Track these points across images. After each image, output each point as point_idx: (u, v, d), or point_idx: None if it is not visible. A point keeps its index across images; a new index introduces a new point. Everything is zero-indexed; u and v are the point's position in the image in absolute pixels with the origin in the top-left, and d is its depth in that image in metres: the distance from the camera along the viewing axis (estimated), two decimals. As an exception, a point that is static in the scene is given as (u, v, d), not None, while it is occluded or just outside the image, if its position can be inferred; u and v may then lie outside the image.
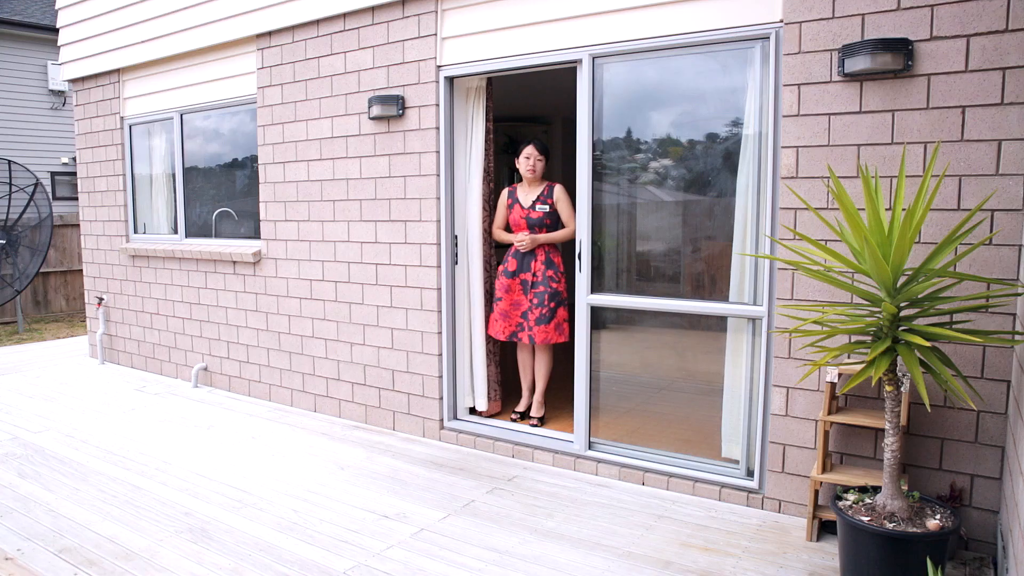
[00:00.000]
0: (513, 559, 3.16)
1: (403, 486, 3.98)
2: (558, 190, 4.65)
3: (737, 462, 3.80)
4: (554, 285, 4.60)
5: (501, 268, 4.70)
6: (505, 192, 4.79)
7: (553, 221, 4.63)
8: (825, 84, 3.31)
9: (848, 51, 3.20)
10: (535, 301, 4.59)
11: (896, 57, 3.09)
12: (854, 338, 3.21)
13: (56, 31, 7.42)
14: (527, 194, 4.69)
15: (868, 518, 2.79)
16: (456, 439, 4.70)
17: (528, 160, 4.65)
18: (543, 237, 4.59)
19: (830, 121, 3.32)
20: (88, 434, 4.95)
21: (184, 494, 3.89)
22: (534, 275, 4.61)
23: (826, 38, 3.29)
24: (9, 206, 10.72)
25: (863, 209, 3.13)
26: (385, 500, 3.80)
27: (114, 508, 3.71)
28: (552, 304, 4.57)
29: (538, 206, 4.63)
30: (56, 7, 7.24)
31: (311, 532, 3.43)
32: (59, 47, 7.29)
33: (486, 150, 4.72)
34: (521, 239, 4.58)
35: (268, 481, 4.07)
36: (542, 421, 4.67)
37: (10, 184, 10.85)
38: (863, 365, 2.71)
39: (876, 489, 3.01)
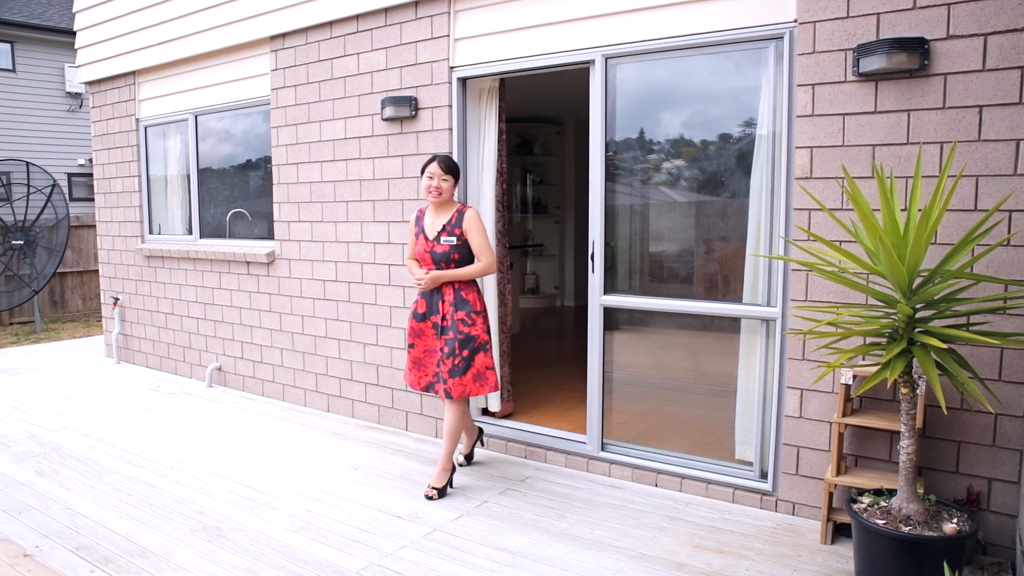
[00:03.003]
0: (525, 560, 3.16)
1: (416, 486, 3.99)
2: (468, 217, 3.81)
3: (751, 464, 3.78)
4: (466, 329, 3.80)
5: (411, 309, 3.99)
6: (413, 217, 4.02)
7: (463, 255, 3.82)
8: (840, 84, 3.29)
9: (863, 50, 3.17)
10: (445, 350, 3.82)
11: (912, 56, 3.06)
12: (869, 340, 3.19)
13: (73, 34, 7.50)
14: (433, 222, 3.88)
15: (883, 521, 2.77)
16: (468, 440, 4.71)
17: (431, 180, 3.79)
18: (448, 274, 3.78)
19: (844, 121, 3.30)
20: (104, 433, 5.00)
21: (198, 493, 3.92)
22: (443, 318, 3.85)
23: (841, 38, 3.27)
24: (27, 207, 10.83)
25: (878, 210, 3.11)
26: (398, 500, 3.81)
27: (130, 506, 3.74)
28: (465, 352, 3.79)
29: (443, 238, 3.81)
30: (73, 10, 7.32)
31: (324, 532, 3.44)
32: (76, 50, 7.36)
33: (499, 151, 4.72)
34: (419, 278, 3.82)
35: (281, 481, 4.09)
36: (441, 493, 3.84)
37: (28, 185, 10.96)
38: (878, 367, 2.69)
39: (891, 492, 2.98)
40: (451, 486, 3.94)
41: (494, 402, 4.83)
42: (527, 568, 3.08)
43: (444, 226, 3.83)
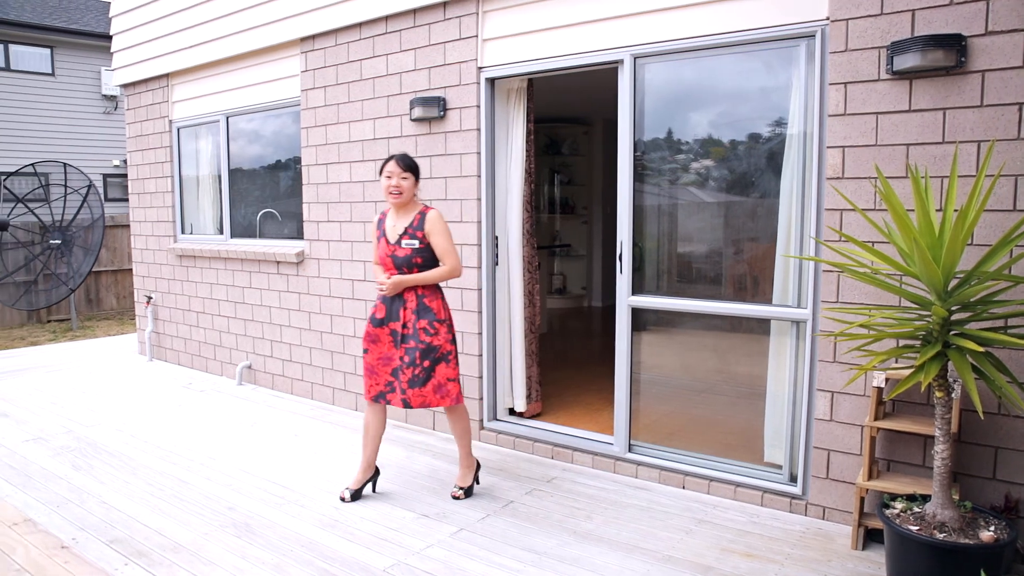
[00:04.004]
0: (552, 560, 3.15)
1: (443, 485, 4.00)
2: (431, 219, 3.64)
3: (780, 467, 3.74)
4: (427, 339, 3.62)
5: (370, 313, 3.81)
6: (376, 219, 3.84)
7: (426, 259, 3.64)
8: (873, 82, 3.24)
9: (897, 48, 3.12)
10: (406, 359, 3.64)
11: (948, 54, 3.00)
12: (902, 342, 3.13)
13: (109, 38, 7.65)
14: (395, 224, 3.70)
15: (917, 527, 2.72)
16: (496, 440, 4.71)
17: (390, 179, 3.62)
18: (411, 279, 3.61)
19: (878, 120, 3.25)
20: (137, 429, 5.09)
21: (228, 489, 3.97)
22: (404, 326, 3.66)
23: (874, 35, 3.22)
24: (64, 207, 11.09)
25: (912, 210, 3.05)
26: (425, 499, 3.83)
27: (162, 501, 3.80)
28: (426, 363, 3.62)
29: (404, 241, 3.64)
30: (110, 15, 7.47)
31: (352, 529, 3.47)
32: (112, 53, 7.51)
33: (527, 151, 4.72)
34: (381, 284, 3.67)
35: (310, 478, 4.13)
36: (468, 492, 3.82)
37: (65, 186, 11.22)
38: (912, 370, 2.64)
39: (925, 498, 2.93)
40: (478, 482, 3.95)
41: (520, 402, 4.83)
42: (553, 569, 3.08)
43: (406, 229, 3.65)
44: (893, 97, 3.20)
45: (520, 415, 4.86)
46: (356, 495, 3.81)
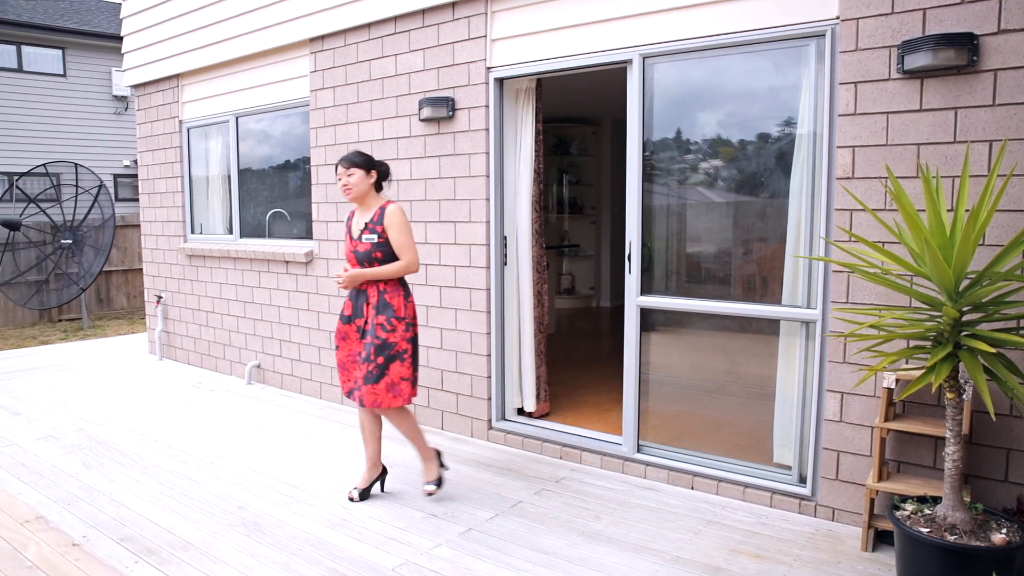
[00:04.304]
0: (560, 560, 3.15)
1: (451, 485, 4.00)
2: (389, 213, 3.62)
3: (789, 468, 3.72)
4: (383, 335, 3.59)
5: (340, 311, 3.85)
6: (347, 217, 3.91)
7: (386, 254, 3.62)
8: (883, 82, 3.22)
9: (908, 47, 3.10)
10: (362, 355, 3.64)
11: (960, 52, 2.98)
12: (912, 343, 3.11)
13: (120, 39, 7.70)
14: (359, 220, 3.73)
15: (928, 530, 2.70)
16: (504, 439, 4.72)
17: (339, 180, 3.67)
18: (367, 273, 3.61)
19: (888, 120, 3.23)
20: (147, 428, 5.12)
21: (238, 488, 3.99)
22: (365, 322, 3.69)
23: (885, 34, 3.20)
24: (75, 207, 11.17)
25: (922, 210, 3.03)
26: (433, 499, 3.83)
27: (172, 500, 3.82)
28: (380, 359, 3.58)
29: (364, 236, 3.64)
30: (120, 16, 7.51)
31: (360, 528, 3.48)
32: (123, 54, 7.56)
33: (536, 151, 4.72)
34: (338, 276, 3.69)
35: (318, 477, 4.14)
36: (439, 483, 3.81)
37: (76, 186, 11.30)
38: (922, 371, 2.63)
39: (936, 500, 2.91)
40: (445, 467, 3.95)
41: (530, 402, 4.83)
42: (562, 569, 3.08)
43: (366, 224, 3.66)
44: (904, 96, 3.18)
45: (529, 415, 4.86)
46: (364, 494, 3.82)
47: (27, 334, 9.92)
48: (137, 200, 8.42)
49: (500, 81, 4.57)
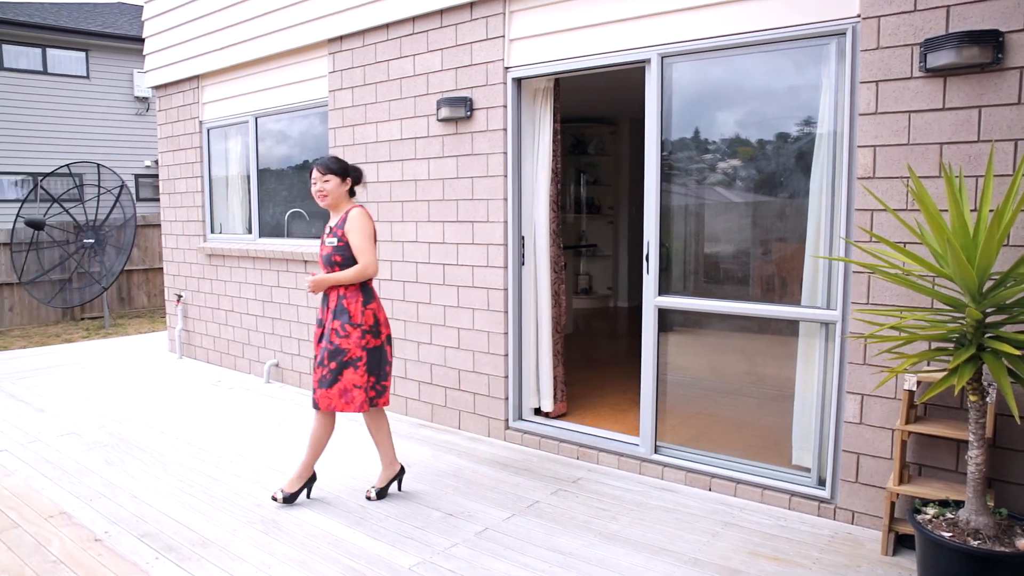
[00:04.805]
0: (577, 561, 3.14)
1: (468, 485, 4.01)
2: (351, 216, 3.65)
3: (808, 470, 3.69)
4: (337, 340, 3.61)
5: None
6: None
7: (345, 258, 3.63)
8: (905, 80, 3.19)
9: (931, 45, 3.07)
10: (318, 358, 3.68)
11: (984, 50, 2.94)
12: (935, 345, 3.07)
13: (142, 41, 7.78)
14: (328, 224, 3.81)
15: (950, 534, 2.67)
16: (521, 439, 4.72)
17: (315, 186, 3.70)
18: (329, 278, 3.63)
19: (910, 119, 3.19)
20: (167, 425, 5.17)
21: (256, 486, 4.02)
22: (324, 325, 3.74)
23: (907, 32, 3.17)
24: (97, 207, 11.31)
25: (945, 210, 3.00)
26: (450, 498, 3.84)
27: (191, 497, 3.86)
28: (333, 364, 3.61)
29: (328, 240, 3.70)
30: (142, 18, 7.60)
31: (377, 527, 3.49)
32: (144, 56, 7.64)
33: (553, 151, 4.71)
34: (308, 281, 3.70)
35: (336, 476, 4.16)
36: (288, 499, 3.72)
37: (99, 186, 11.44)
38: (944, 373, 2.60)
39: (958, 504, 2.87)
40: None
41: (547, 402, 4.83)
42: (579, 569, 3.07)
43: (331, 228, 3.72)
44: (926, 95, 3.15)
45: (546, 415, 4.86)
46: (382, 493, 3.84)
47: (50, 332, 10.07)
48: (158, 200, 8.51)
49: (518, 81, 4.57)
